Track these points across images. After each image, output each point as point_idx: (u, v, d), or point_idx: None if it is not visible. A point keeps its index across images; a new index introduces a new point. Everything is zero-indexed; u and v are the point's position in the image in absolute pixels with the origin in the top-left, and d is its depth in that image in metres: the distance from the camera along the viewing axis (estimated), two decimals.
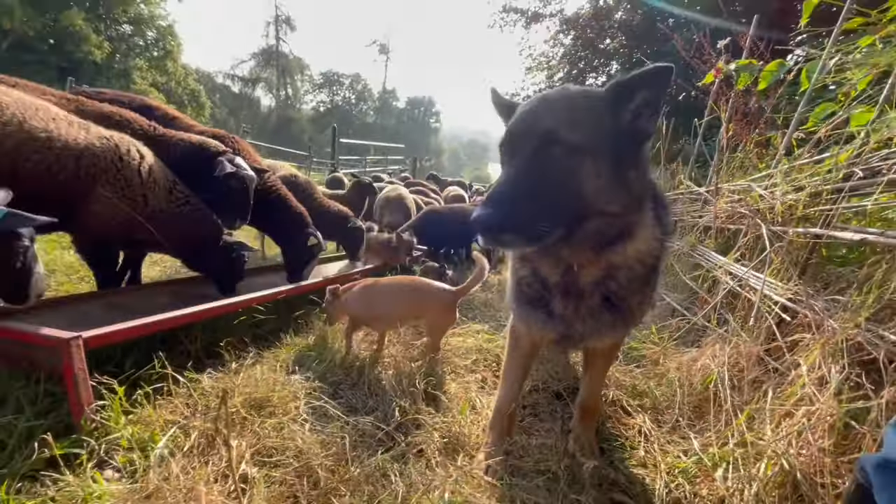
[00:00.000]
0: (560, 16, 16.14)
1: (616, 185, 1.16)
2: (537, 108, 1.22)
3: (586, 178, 1.13)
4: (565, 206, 1.13)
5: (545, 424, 1.97)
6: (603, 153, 1.13)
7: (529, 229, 1.10)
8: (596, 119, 1.15)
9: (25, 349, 1.61)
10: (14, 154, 1.90)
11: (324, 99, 54.94)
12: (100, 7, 27.85)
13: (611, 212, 1.18)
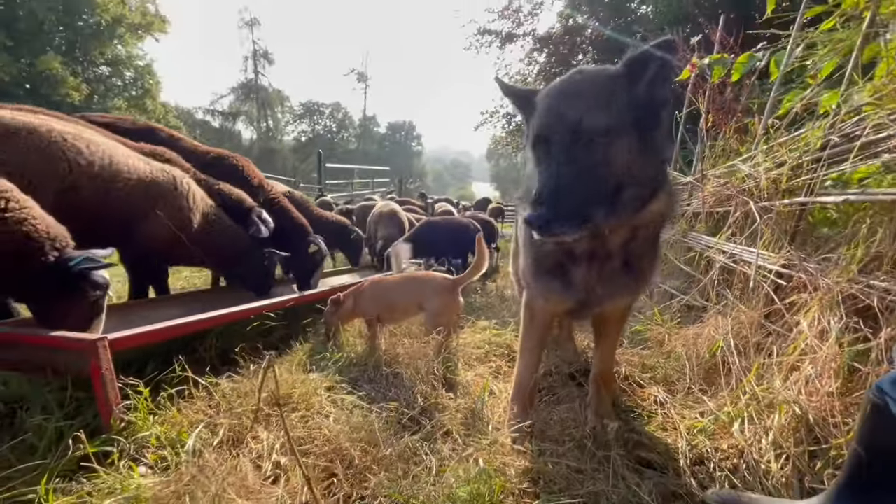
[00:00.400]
0: (533, 35, 16.75)
1: (646, 154, 1.25)
2: (560, 101, 1.29)
3: (619, 155, 1.21)
4: (604, 186, 1.22)
5: (563, 404, 2.02)
6: (628, 128, 1.22)
7: (578, 219, 1.18)
8: (616, 98, 1.23)
9: (51, 355, 1.61)
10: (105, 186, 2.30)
11: (305, 129, 55.37)
12: (76, 50, 27.98)
13: (646, 177, 1.27)
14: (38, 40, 25.35)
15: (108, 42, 29.05)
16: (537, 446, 1.53)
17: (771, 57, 2.78)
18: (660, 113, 1.30)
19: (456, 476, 1.38)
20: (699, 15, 9.25)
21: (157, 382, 1.81)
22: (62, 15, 26.48)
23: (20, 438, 1.47)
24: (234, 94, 49.32)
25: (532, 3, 17.00)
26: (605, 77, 1.29)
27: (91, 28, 28.10)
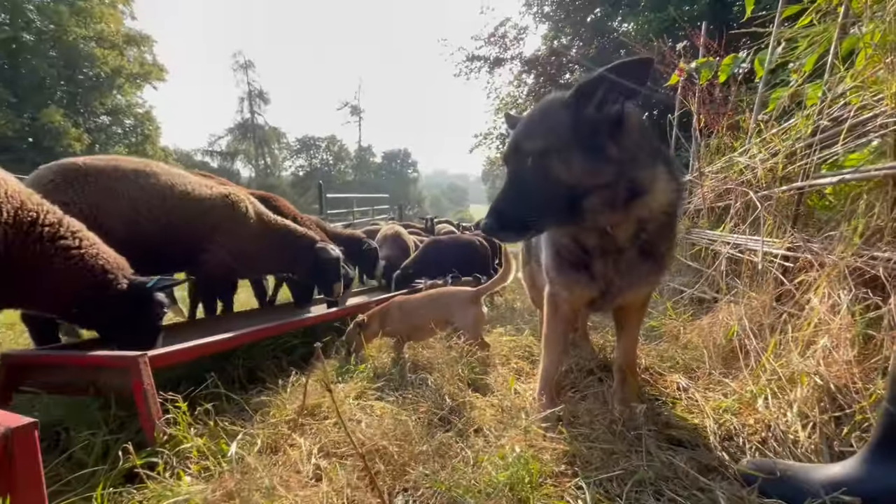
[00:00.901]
0: (520, 58, 17.29)
1: (595, 164, 1.35)
2: (516, 129, 1.51)
3: (558, 170, 1.36)
4: (549, 198, 1.39)
5: (587, 401, 2.06)
6: (568, 146, 1.36)
7: (519, 225, 1.44)
8: (556, 122, 1.39)
9: (94, 375, 1.67)
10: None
11: (302, 163, 56.36)
12: (77, 102, 28.80)
13: (602, 184, 1.37)
14: (41, 95, 26.14)
15: (108, 92, 29.95)
16: (569, 432, 1.57)
17: (754, 57, 2.93)
18: (615, 126, 1.37)
19: (493, 464, 1.42)
20: (679, 28, 9.64)
21: (192, 398, 1.86)
22: (63, 69, 27.40)
23: (68, 453, 1.51)
24: (232, 135, 50.40)
25: (517, 28, 17.64)
26: (555, 104, 1.44)
27: (91, 80, 29.02)
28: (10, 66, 25.77)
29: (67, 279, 1.88)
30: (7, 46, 25.43)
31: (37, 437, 1.10)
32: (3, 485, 1.06)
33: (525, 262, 2.71)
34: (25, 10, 25.92)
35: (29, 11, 26.13)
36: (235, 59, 50.34)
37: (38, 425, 1.11)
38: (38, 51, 26.23)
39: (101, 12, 28.44)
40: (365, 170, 59.48)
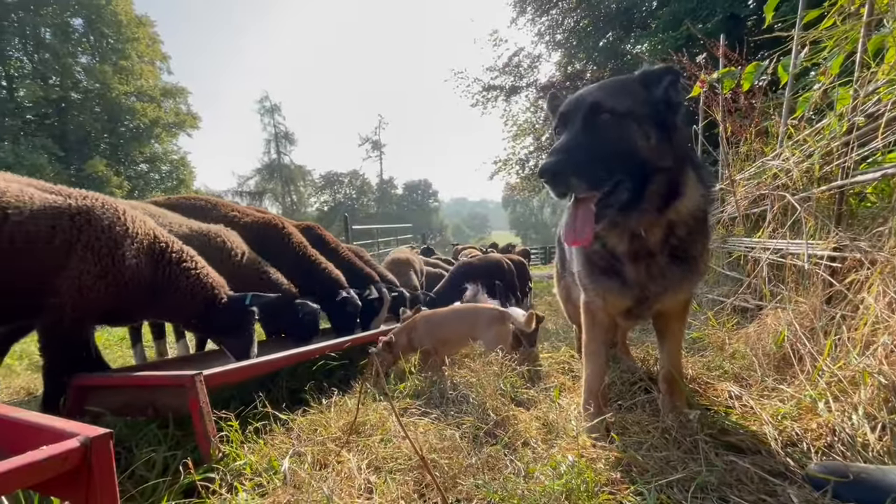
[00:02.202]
0: (535, 85, 17.66)
1: (665, 145, 1.39)
2: (582, 92, 1.50)
3: (638, 139, 1.37)
4: (621, 162, 1.36)
5: (635, 412, 2.00)
6: (646, 119, 1.38)
7: (591, 175, 1.31)
8: (635, 93, 1.42)
9: (152, 395, 1.75)
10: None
11: (326, 198, 58.03)
12: (119, 152, 30.76)
13: (665, 167, 1.40)
14: (86, 147, 28.07)
15: (147, 142, 31.94)
16: (621, 440, 1.53)
17: (777, 63, 2.94)
18: (675, 114, 1.43)
19: (546, 474, 1.40)
20: (694, 45, 9.71)
21: (243, 417, 1.91)
22: (106, 123, 29.46)
23: (130, 469, 1.57)
24: (260, 175, 52.56)
25: (530, 57, 18.11)
26: (629, 80, 1.48)
27: (131, 132, 31.04)
28: (59, 123, 27.91)
29: (189, 295, 2.37)
30: (57, 105, 27.64)
31: (112, 447, 1.16)
32: (81, 492, 1.12)
33: (560, 276, 2.71)
34: (74, 72, 28.26)
35: (77, 73, 28.48)
36: (262, 104, 53.10)
37: (113, 436, 1.17)
38: (85, 107, 28.37)
39: (140, 69, 30.70)
40: (387, 202, 60.72)
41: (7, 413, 1.37)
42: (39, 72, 27.36)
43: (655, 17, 12.98)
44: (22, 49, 27.45)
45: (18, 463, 1.02)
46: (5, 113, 25.75)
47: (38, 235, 1.98)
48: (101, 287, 2.08)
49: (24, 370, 3.25)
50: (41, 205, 2.03)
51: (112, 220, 2.17)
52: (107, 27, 28.87)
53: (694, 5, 11.08)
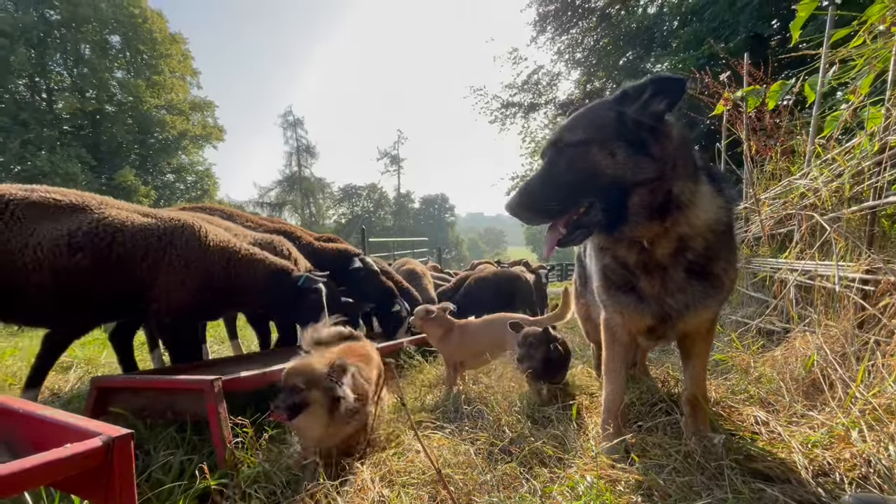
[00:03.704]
0: (554, 102, 17.75)
1: (639, 158, 1.37)
2: (559, 125, 1.56)
3: (600, 161, 1.38)
4: (585, 186, 1.40)
5: (656, 434, 1.94)
6: (611, 139, 1.38)
7: (546, 207, 1.45)
8: (599, 117, 1.43)
9: (171, 399, 1.77)
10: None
11: (344, 211, 58.75)
12: (148, 162, 31.85)
13: (644, 179, 1.37)
14: (118, 157, 29.15)
15: (174, 153, 33.01)
16: (642, 463, 1.49)
17: (804, 82, 2.90)
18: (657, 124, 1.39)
19: (563, 494, 1.37)
20: (716, 64, 9.65)
21: (258, 424, 1.91)
22: (137, 134, 30.59)
23: (148, 472, 1.58)
24: (280, 187, 53.63)
25: (549, 75, 18.24)
26: (600, 104, 1.49)
27: (160, 143, 32.16)
28: (94, 134, 29.11)
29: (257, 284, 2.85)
30: (92, 117, 28.88)
31: (132, 448, 1.18)
32: (102, 491, 1.13)
33: (579, 294, 2.67)
34: (109, 85, 29.56)
35: (112, 86, 29.78)
36: (285, 118, 54.49)
37: (133, 436, 1.19)
38: (118, 119, 29.54)
39: (172, 83, 31.94)
40: (404, 216, 61.18)
41: (34, 411, 1.40)
42: (77, 85, 28.68)
43: (676, 35, 12.98)
44: (62, 64, 28.88)
45: (44, 459, 1.04)
46: (44, 123, 26.96)
47: (135, 254, 2.45)
48: (184, 293, 2.54)
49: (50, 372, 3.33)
50: (138, 228, 2.51)
51: (189, 239, 2.62)
52: (142, 44, 30.21)
53: (716, 24, 11.04)
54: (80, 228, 2.33)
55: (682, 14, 13.23)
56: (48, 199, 2.35)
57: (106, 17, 28.62)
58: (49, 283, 2.25)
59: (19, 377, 3.21)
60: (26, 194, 2.32)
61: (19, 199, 2.28)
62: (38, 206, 2.30)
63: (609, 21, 15.56)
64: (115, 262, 2.38)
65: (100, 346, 4.10)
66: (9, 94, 26.80)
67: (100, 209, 2.45)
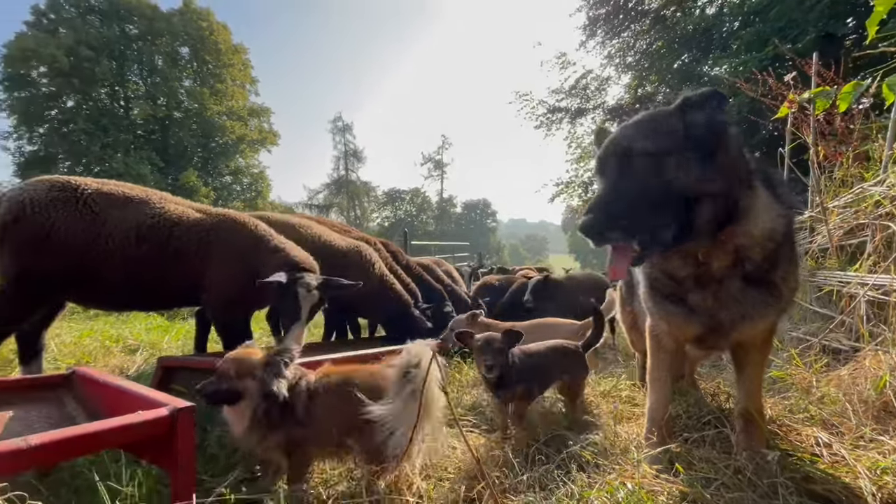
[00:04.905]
0: (603, 108, 17.30)
1: (709, 172, 1.31)
2: (616, 135, 1.46)
3: (676, 175, 1.31)
4: (661, 204, 1.30)
5: (703, 448, 1.86)
6: (683, 152, 1.32)
7: (627, 227, 1.31)
8: (669, 127, 1.36)
9: None
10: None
11: (388, 214, 59.95)
12: (208, 165, 34.01)
13: (712, 192, 1.32)
14: (183, 160, 31.30)
15: (232, 156, 35.01)
16: (687, 475, 1.43)
17: (881, 82, 2.68)
18: (721, 136, 1.34)
19: (601, 500, 1.34)
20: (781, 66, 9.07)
21: None
22: (200, 139, 32.75)
23: (204, 447, 1.70)
24: (328, 189, 55.56)
25: (598, 80, 17.81)
26: (663, 112, 1.43)
27: (220, 147, 34.22)
28: (162, 138, 31.46)
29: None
30: (162, 122, 31.25)
31: (194, 420, 1.28)
32: (167, 456, 1.24)
33: (625, 302, 2.60)
34: (178, 93, 31.92)
35: (180, 94, 32.13)
36: (335, 123, 56.48)
37: (195, 409, 1.29)
38: (184, 125, 31.79)
39: (232, 91, 34.00)
40: (446, 220, 61.59)
41: (112, 381, 1.55)
42: (150, 93, 31.16)
43: (737, 36, 12.31)
44: (139, 74, 31.50)
45: (120, 423, 1.16)
46: (120, 129, 29.46)
47: (189, 247, 2.61)
48: (232, 286, 2.66)
49: (119, 352, 3.64)
50: (192, 223, 2.67)
51: (236, 234, 2.74)
52: (208, 54, 32.40)
53: (783, 23, 10.36)
54: (145, 221, 2.53)
55: (745, 14, 12.55)
56: (118, 191, 2.58)
57: (177, 30, 30.96)
58: (119, 270, 2.46)
59: (94, 356, 3.52)
60: (99, 186, 2.56)
61: (93, 191, 2.50)
62: (109, 198, 2.53)
63: (663, 23, 15.00)
64: (172, 254, 2.56)
65: (162, 332, 4.42)
66: (92, 102, 29.56)
67: (160, 204, 2.66)
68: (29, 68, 27.50)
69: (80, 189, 2.46)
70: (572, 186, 19.28)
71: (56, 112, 28.99)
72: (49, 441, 0.97)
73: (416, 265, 4.70)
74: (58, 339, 3.61)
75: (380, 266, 3.78)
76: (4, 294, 2.35)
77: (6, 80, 27.65)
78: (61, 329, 4.01)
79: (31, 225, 2.32)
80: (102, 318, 5.34)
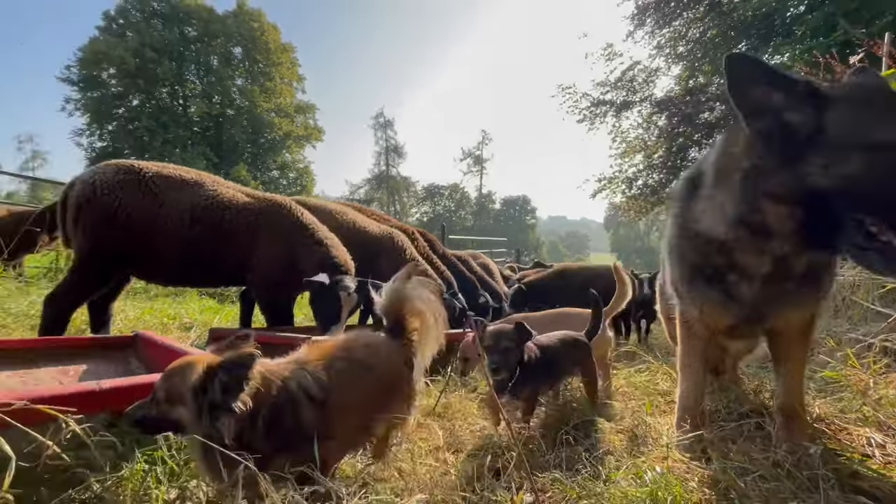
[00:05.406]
0: (650, 100, 16.63)
1: None
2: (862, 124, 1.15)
3: None
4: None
5: (740, 444, 1.79)
6: None
7: None
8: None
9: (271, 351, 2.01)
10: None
11: (427, 209, 60.53)
12: (257, 160, 35.63)
13: None
14: (235, 155, 32.95)
15: (280, 152, 36.49)
16: (721, 464, 1.39)
17: None
18: None
19: (628, 481, 1.33)
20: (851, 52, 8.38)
21: None
22: (250, 135, 34.33)
23: None
24: (369, 184, 56.78)
25: (646, 71, 17.13)
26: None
27: (269, 142, 35.74)
28: (216, 135, 33.25)
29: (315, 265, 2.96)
30: (216, 119, 33.01)
31: None
32: None
33: (664, 293, 2.53)
34: (231, 92, 33.60)
35: (233, 92, 33.80)
36: (377, 119, 57.54)
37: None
38: (236, 122, 33.44)
39: (281, 89, 35.39)
40: (485, 216, 61.41)
41: (170, 344, 1.70)
42: (206, 92, 33.02)
43: (801, 21, 11.49)
44: (196, 74, 33.44)
45: None
46: (179, 126, 31.43)
47: (239, 229, 2.78)
48: (275, 267, 2.79)
49: (175, 328, 3.93)
50: (241, 206, 2.83)
51: (282, 217, 2.89)
52: (259, 54, 33.90)
53: (857, 4, 9.55)
54: (199, 203, 2.71)
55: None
56: (175, 174, 2.78)
57: (231, 31, 32.56)
58: (175, 248, 2.66)
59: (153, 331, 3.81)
60: (159, 169, 2.77)
61: (153, 173, 2.71)
62: (168, 180, 2.73)
63: (719, 10, 14.20)
64: (223, 235, 2.73)
65: (213, 313, 4.72)
66: (154, 101, 31.67)
67: (213, 187, 2.83)
68: (100, 70, 29.83)
69: (143, 172, 2.67)
70: (615, 182, 18.63)
71: (123, 110, 31.35)
72: (117, 386, 1.10)
73: (451, 255, 4.76)
74: (122, 315, 3.94)
75: (411, 252, 3.86)
76: (78, 267, 2.60)
77: (81, 82, 30.12)
78: (125, 306, 4.37)
79: (100, 205, 2.55)
80: (161, 298, 5.76)
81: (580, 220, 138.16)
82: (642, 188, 17.40)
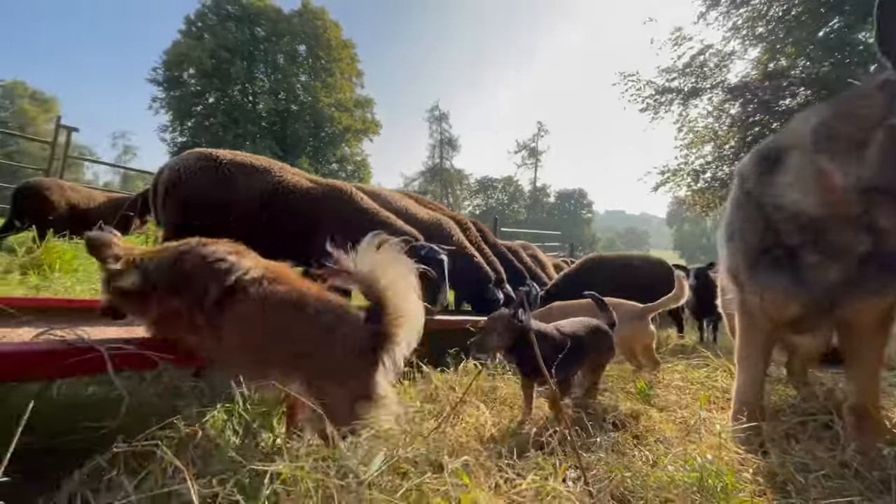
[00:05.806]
0: (722, 86, 15.46)
1: None
2: None
3: None
4: None
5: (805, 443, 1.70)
6: None
7: None
8: None
9: None
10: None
11: (479, 202, 60.37)
12: (318, 153, 37.28)
13: None
14: (298, 148, 34.66)
15: (339, 145, 37.90)
16: (780, 458, 1.34)
17: None
18: None
19: (677, 467, 1.32)
20: None
21: None
22: (312, 129, 35.94)
23: None
24: (423, 177, 57.52)
25: (719, 55, 15.91)
26: None
27: (329, 136, 37.23)
28: (281, 129, 35.16)
29: None
30: (282, 115, 34.89)
31: None
32: None
33: (723, 289, 2.42)
34: (295, 88, 35.31)
35: (297, 89, 35.51)
36: (432, 113, 58.01)
37: None
38: (299, 117, 35.15)
39: (341, 84, 36.68)
40: (538, 210, 60.27)
41: None
42: (273, 89, 34.97)
43: None
44: (264, 72, 35.48)
45: None
46: (249, 121, 33.59)
47: (303, 210, 2.98)
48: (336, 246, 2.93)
49: None
50: (304, 191, 3.05)
51: (343, 200, 3.09)
52: (321, 50, 35.33)
53: None
54: (267, 188, 2.92)
55: None
56: (246, 161, 3.03)
57: (296, 30, 34.17)
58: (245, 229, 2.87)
59: None
60: (233, 156, 3.02)
61: (228, 160, 2.96)
62: (240, 167, 2.97)
63: None
64: (287, 219, 2.92)
65: None
66: (227, 98, 34.01)
67: (280, 173, 3.05)
68: (181, 71, 32.49)
69: (219, 159, 2.95)
70: (680, 175, 17.46)
71: (200, 108, 33.97)
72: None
73: (502, 245, 4.77)
74: None
75: (459, 238, 3.92)
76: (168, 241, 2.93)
77: (165, 82, 33.00)
78: None
79: (184, 188, 2.85)
80: None
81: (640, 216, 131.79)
82: (710, 181, 16.28)
